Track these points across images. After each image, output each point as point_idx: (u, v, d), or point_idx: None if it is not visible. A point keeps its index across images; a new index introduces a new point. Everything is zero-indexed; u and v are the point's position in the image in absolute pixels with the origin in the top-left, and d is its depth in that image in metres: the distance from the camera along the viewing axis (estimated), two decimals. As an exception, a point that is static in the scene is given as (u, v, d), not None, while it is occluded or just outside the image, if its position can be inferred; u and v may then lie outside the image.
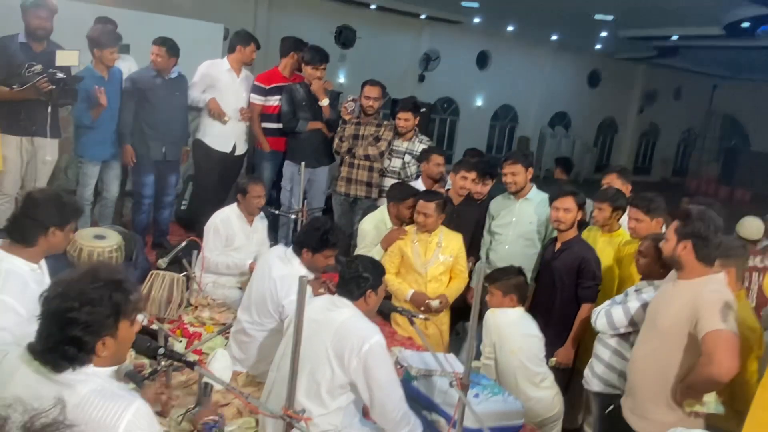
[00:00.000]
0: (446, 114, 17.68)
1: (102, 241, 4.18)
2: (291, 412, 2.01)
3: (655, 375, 2.75)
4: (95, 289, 1.67)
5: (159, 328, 2.84)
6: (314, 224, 3.33)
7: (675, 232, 2.71)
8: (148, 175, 5.03)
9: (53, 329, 1.65)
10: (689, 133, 23.23)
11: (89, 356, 1.68)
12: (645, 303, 3.05)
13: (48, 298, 1.67)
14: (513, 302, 3.39)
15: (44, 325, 1.67)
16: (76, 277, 1.70)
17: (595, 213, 3.94)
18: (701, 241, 2.63)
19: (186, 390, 3.07)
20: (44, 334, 1.66)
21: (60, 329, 1.64)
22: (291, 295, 3.14)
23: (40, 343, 1.67)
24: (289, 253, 3.29)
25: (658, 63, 18.81)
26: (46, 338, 1.65)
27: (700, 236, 2.63)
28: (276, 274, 3.21)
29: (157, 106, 4.92)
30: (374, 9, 14.32)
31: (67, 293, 1.65)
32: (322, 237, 3.21)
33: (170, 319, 3.74)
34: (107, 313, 1.67)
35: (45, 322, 1.66)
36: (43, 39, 4.34)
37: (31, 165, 4.46)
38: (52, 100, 4.31)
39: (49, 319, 1.65)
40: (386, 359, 2.51)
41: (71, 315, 1.62)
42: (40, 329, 1.67)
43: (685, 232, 2.66)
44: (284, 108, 5.33)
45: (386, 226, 4.35)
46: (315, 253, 3.22)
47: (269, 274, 3.24)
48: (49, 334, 1.65)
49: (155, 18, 7.12)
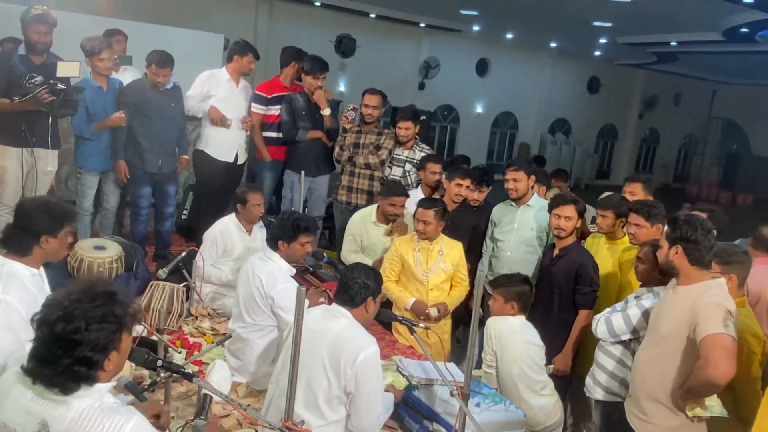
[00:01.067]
0: (446, 121, 17.72)
1: (102, 252, 4.19)
2: (290, 423, 2.00)
3: (657, 380, 2.75)
4: (97, 307, 1.65)
5: (159, 339, 2.83)
6: (283, 216, 3.41)
7: (666, 238, 2.75)
8: (144, 188, 4.98)
9: (59, 352, 1.61)
10: (690, 138, 23.26)
11: (98, 374, 1.66)
12: (645, 310, 3.05)
13: (47, 321, 1.63)
14: (514, 310, 3.38)
15: (47, 349, 1.62)
16: (74, 296, 1.66)
17: (598, 220, 3.92)
18: (691, 244, 2.66)
19: (186, 401, 3.06)
20: (48, 357, 1.61)
21: (67, 352, 1.61)
22: (277, 286, 3.20)
23: (46, 367, 1.62)
24: (267, 252, 3.37)
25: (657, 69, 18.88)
26: (52, 362, 1.61)
27: (689, 240, 2.65)
28: (259, 272, 3.26)
29: (153, 118, 4.86)
30: (374, 18, 14.39)
31: (71, 314, 1.62)
32: (294, 224, 3.30)
33: (170, 330, 3.72)
34: (113, 329, 1.67)
35: (48, 345, 1.62)
36: (43, 52, 4.35)
37: (31, 176, 4.46)
38: (53, 111, 4.32)
39: (54, 342, 1.61)
40: (378, 372, 2.51)
41: (78, 336, 1.61)
42: (41, 353, 1.63)
43: (674, 237, 2.70)
44: (284, 117, 5.33)
45: (371, 219, 4.54)
46: (290, 242, 3.31)
47: (253, 274, 3.29)
48: (55, 357, 1.61)
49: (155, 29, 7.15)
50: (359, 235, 4.58)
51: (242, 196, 4.25)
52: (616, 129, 21.19)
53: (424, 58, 16.19)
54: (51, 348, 1.62)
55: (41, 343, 1.63)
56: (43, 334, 1.63)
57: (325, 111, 5.33)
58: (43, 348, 1.63)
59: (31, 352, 1.66)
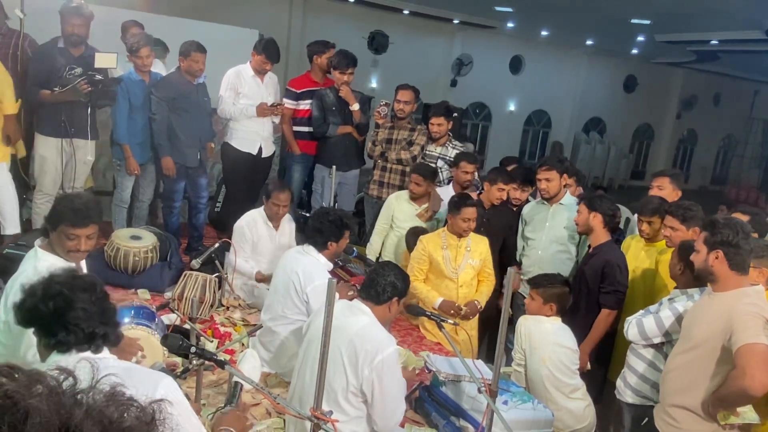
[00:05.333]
0: (479, 119, 17.59)
1: (138, 242, 4.28)
2: (318, 413, 2.01)
3: (688, 386, 2.69)
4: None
5: (191, 327, 2.88)
6: (325, 218, 3.39)
7: (704, 242, 2.65)
8: (179, 182, 5.03)
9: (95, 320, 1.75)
10: (729, 139, 22.65)
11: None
12: (677, 312, 2.99)
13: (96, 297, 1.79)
14: (552, 311, 3.32)
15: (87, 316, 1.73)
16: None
17: (643, 227, 3.76)
18: (732, 248, 2.57)
19: (216, 389, 3.11)
20: (85, 324, 1.73)
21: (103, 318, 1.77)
22: (314, 281, 3.21)
23: (78, 330, 1.72)
24: (305, 247, 3.39)
25: (696, 68, 18.41)
26: (88, 324, 1.73)
27: (730, 244, 2.57)
28: (297, 267, 3.29)
29: (191, 112, 4.89)
30: (407, 14, 14.35)
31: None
32: (340, 223, 3.36)
33: (202, 319, 3.78)
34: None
35: (91, 315, 1.74)
36: (79, 44, 4.45)
37: (70, 166, 4.58)
38: (92, 102, 4.43)
39: (98, 311, 1.76)
40: (397, 371, 2.52)
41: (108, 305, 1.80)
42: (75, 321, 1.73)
43: (714, 241, 2.60)
44: (315, 113, 5.36)
45: (405, 197, 4.72)
46: (338, 240, 3.38)
47: (291, 269, 3.31)
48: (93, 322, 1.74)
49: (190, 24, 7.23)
50: (391, 210, 4.69)
51: (269, 192, 4.29)
52: (653, 129, 20.75)
53: (456, 55, 16.09)
54: (91, 316, 1.74)
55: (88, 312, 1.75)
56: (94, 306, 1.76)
57: (353, 106, 5.35)
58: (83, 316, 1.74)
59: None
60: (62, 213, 2.49)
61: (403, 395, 2.59)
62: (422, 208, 4.62)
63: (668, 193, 4.09)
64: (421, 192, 4.60)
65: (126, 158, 4.84)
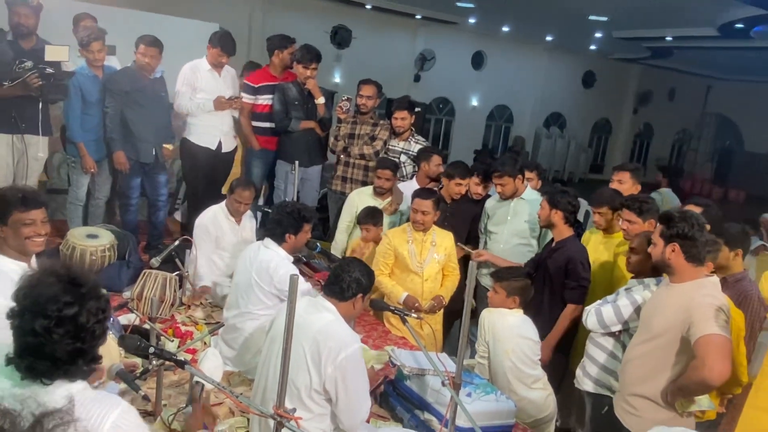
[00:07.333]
0: (442, 114, 17.68)
1: (95, 240, 4.17)
2: (281, 411, 1.99)
3: (648, 375, 2.75)
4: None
5: (151, 327, 2.82)
6: (283, 210, 3.37)
7: (660, 236, 2.72)
8: (135, 178, 4.92)
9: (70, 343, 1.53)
10: (683, 133, 23.30)
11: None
12: (635, 301, 3.06)
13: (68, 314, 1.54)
14: (515, 304, 3.37)
15: (61, 339, 1.53)
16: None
17: (596, 218, 3.89)
18: (688, 241, 2.64)
19: (178, 389, 3.06)
20: (64, 347, 1.52)
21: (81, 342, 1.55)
22: (280, 271, 3.18)
23: (52, 357, 1.52)
24: (265, 241, 3.34)
25: (652, 63, 18.86)
26: (70, 352, 1.53)
27: (686, 237, 2.64)
28: (262, 257, 3.25)
29: (147, 107, 4.77)
30: (370, 9, 14.31)
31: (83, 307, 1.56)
32: (299, 215, 3.31)
33: (162, 319, 3.71)
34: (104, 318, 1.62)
35: (63, 337, 1.53)
36: (27, 36, 4.30)
37: (22, 162, 4.43)
38: (43, 96, 4.29)
39: (71, 333, 1.53)
40: (361, 369, 2.50)
41: (93, 327, 1.57)
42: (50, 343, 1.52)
43: (671, 234, 2.67)
44: (276, 107, 5.29)
45: (368, 192, 4.68)
46: (297, 233, 3.32)
47: (252, 263, 3.27)
48: (76, 348, 1.54)
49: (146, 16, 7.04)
50: (355, 206, 4.64)
51: (232, 188, 4.23)
52: (611, 123, 21.20)
53: (419, 51, 16.13)
54: (64, 337, 1.53)
55: (59, 335, 1.53)
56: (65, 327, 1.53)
57: (319, 100, 5.30)
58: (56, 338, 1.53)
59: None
60: (11, 201, 2.40)
61: (366, 395, 2.57)
62: (386, 203, 4.62)
63: (628, 187, 4.19)
64: (388, 186, 4.60)
65: (81, 156, 4.71)
